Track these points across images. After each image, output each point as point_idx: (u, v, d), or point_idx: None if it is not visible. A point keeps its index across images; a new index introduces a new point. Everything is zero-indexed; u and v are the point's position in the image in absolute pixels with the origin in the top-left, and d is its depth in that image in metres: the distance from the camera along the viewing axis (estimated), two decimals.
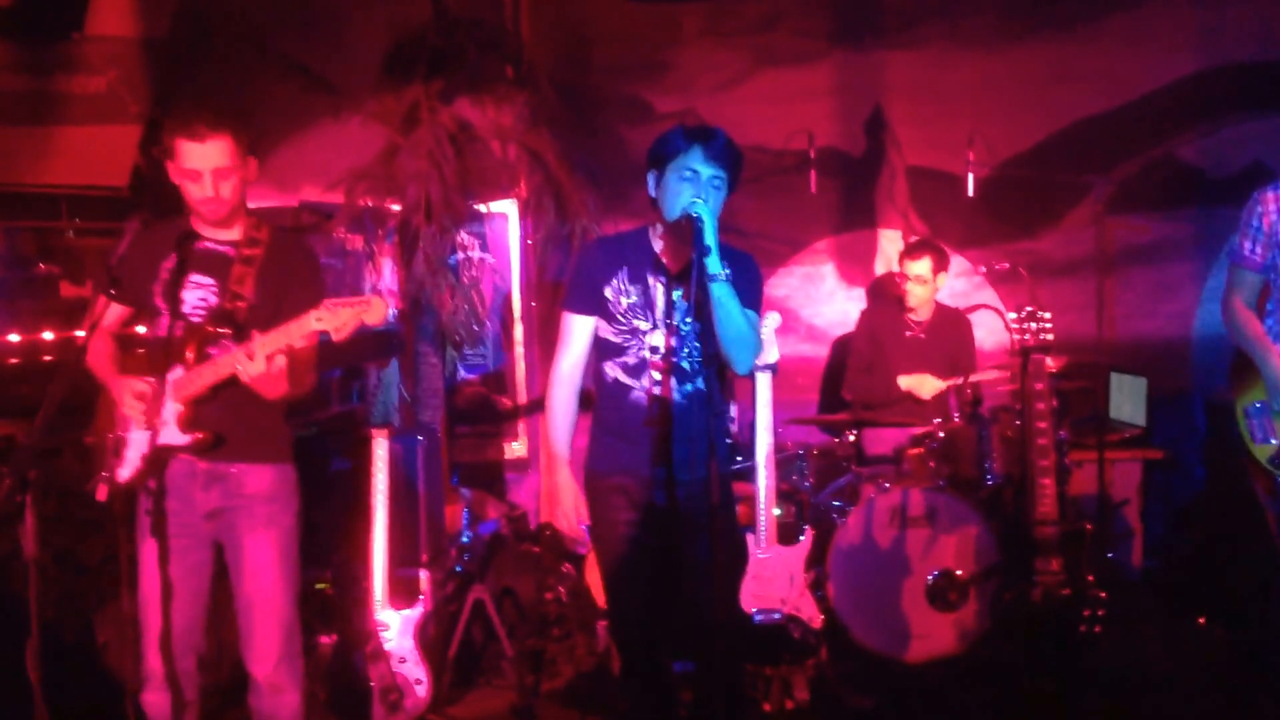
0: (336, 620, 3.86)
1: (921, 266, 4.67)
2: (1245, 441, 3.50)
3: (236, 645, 2.94)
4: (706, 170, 2.71)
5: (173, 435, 2.73)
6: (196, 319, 2.79)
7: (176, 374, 2.75)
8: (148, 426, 2.72)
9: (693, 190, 2.69)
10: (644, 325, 2.82)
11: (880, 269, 5.49)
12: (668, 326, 2.78)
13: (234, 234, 2.85)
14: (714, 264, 2.59)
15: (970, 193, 5.01)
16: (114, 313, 2.92)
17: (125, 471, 2.77)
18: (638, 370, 2.82)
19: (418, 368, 4.50)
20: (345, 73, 4.46)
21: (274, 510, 2.86)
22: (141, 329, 3.00)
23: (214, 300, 2.80)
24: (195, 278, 2.81)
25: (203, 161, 2.70)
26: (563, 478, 2.89)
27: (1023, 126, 5.29)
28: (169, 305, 2.80)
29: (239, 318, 2.76)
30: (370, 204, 4.34)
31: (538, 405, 5.30)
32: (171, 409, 2.74)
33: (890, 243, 5.44)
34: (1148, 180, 5.30)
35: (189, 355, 2.72)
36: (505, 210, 5.10)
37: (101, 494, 2.78)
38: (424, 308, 4.45)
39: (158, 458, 2.74)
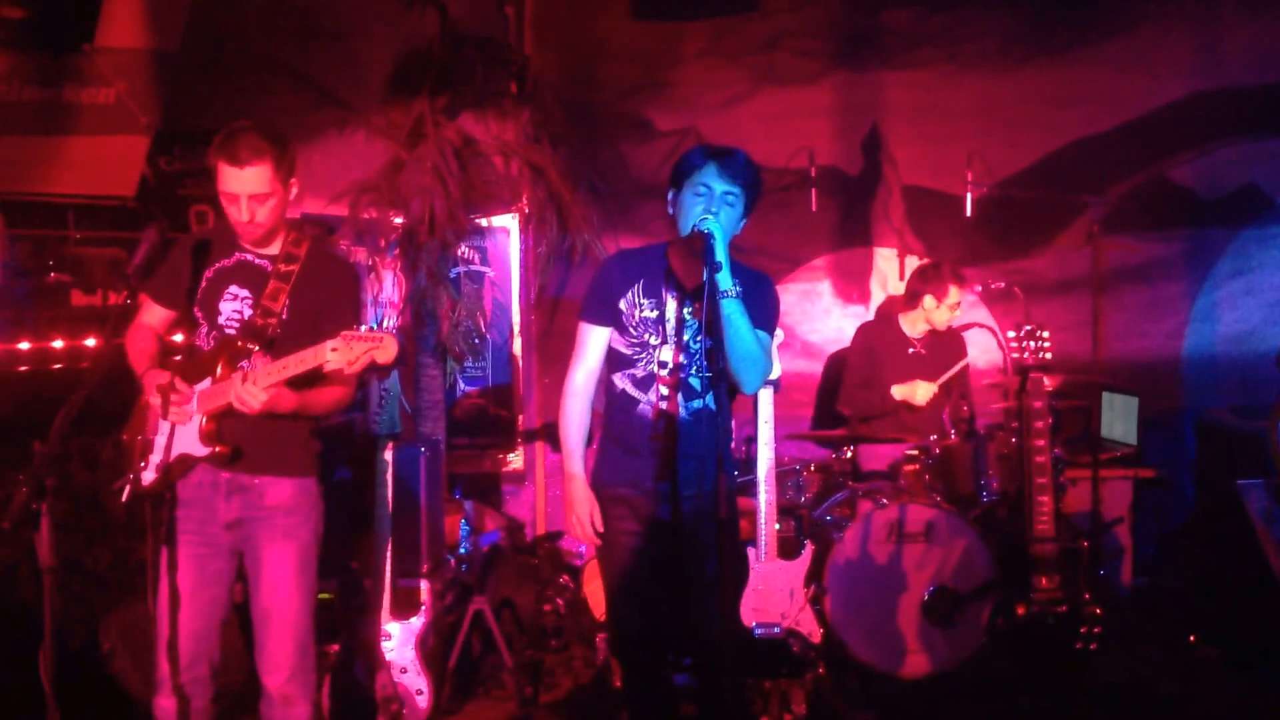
0: (339, 630, 3.87)
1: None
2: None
3: (245, 653, 2.96)
4: (720, 186, 2.73)
5: (193, 446, 2.76)
6: (231, 330, 2.81)
7: (205, 385, 2.76)
8: (168, 418, 2.74)
9: (704, 205, 2.71)
10: (654, 340, 2.83)
11: (875, 286, 5.55)
12: (677, 342, 2.80)
13: (273, 249, 2.87)
14: (725, 280, 2.61)
15: (968, 213, 5.07)
16: (156, 314, 2.94)
17: (149, 475, 2.79)
18: (645, 383, 2.84)
19: (419, 379, 4.54)
20: (352, 87, 4.50)
21: (293, 523, 2.87)
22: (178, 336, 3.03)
23: (248, 313, 2.82)
24: (233, 289, 2.84)
25: (240, 186, 2.71)
26: (577, 488, 2.89)
27: (1019, 147, 5.36)
28: (205, 315, 2.84)
29: (269, 333, 2.77)
30: (374, 217, 4.37)
31: (536, 418, 5.34)
32: (196, 420, 2.75)
33: (886, 261, 5.50)
34: (1141, 201, 5.38)
35: (219, 368, 2.74)
36: (507, 224, 5.14)
37: (124, 495, 2.81)
38: (425, 320, 4.48)
39: (177, 466, 2.77)
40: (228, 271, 2.85)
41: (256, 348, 2.76)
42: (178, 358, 2.91)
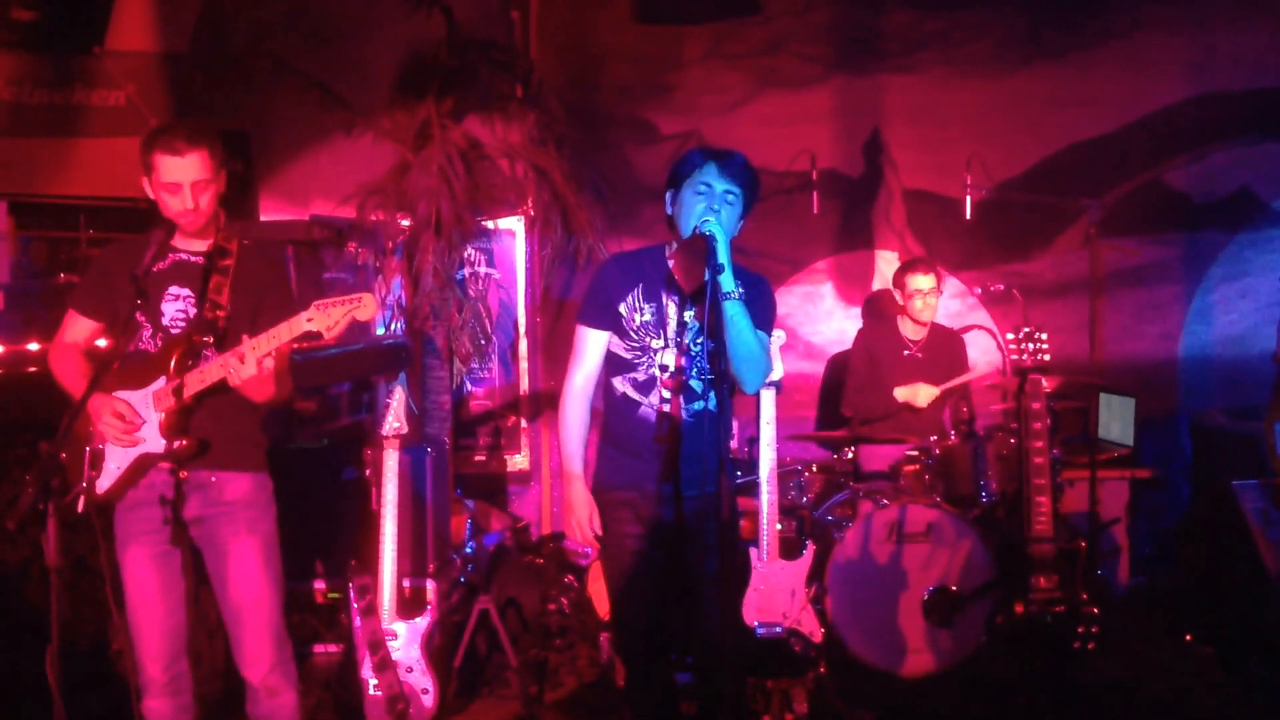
0: (344, 630, 3.90)
1: (926, 281, 4.76)
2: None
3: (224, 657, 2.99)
4: (720, 185, 2.74)
5: (155, 445, 2.76)
6: (176, 330, 2.82)
7: (159, 385, 2.77)
8: (129, 444, 2.76)
9: (705, 204, 2.72)
10: (656, 343, 2.84)
11: (876, 288, 5.59)
12: (679, 345, 2.82)
13: (206, 245, 2.88)
14: (727, 281, 2.62)
15: (968, 216, 5.12)
16: (83, 328, 2.94)
17: (104, 483, 2.79)
18: (647, 387, 2.85)
19: (425, 381, 4.55)
20: (359, 90, 4.51)
21: (254, 516, 2.89)
22: (102, 342, 3.00)
23: (192, 311, 2.83)
24: (174, 289, 2.85)
25: (182, 174, 2.74)
26: (576, 491, 2.90)
27: (1018, 151, 5.41)
28: (149, 318, 2.84)
29: (220, 326, 2.79)
30: (381, 219, 4.39)
31: (541, 419, 5.37)
32: (154, 419, 2.76)
33: (887, 263, 5.54)
34: (1137, 204, 5.42)
35: (172, 366, 2.75)
36: (512, 227, 5.18)
37: (79, 506, 2.79)
38: (431, 322, 4.50)
39: (140, 467, 2.78)
40: (164, 273, 2.85)
41: (211, 340, 2.78)
42: (114, 366, 2.86)
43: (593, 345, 2.90)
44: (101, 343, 2.99)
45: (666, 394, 2.84)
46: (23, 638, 3.36)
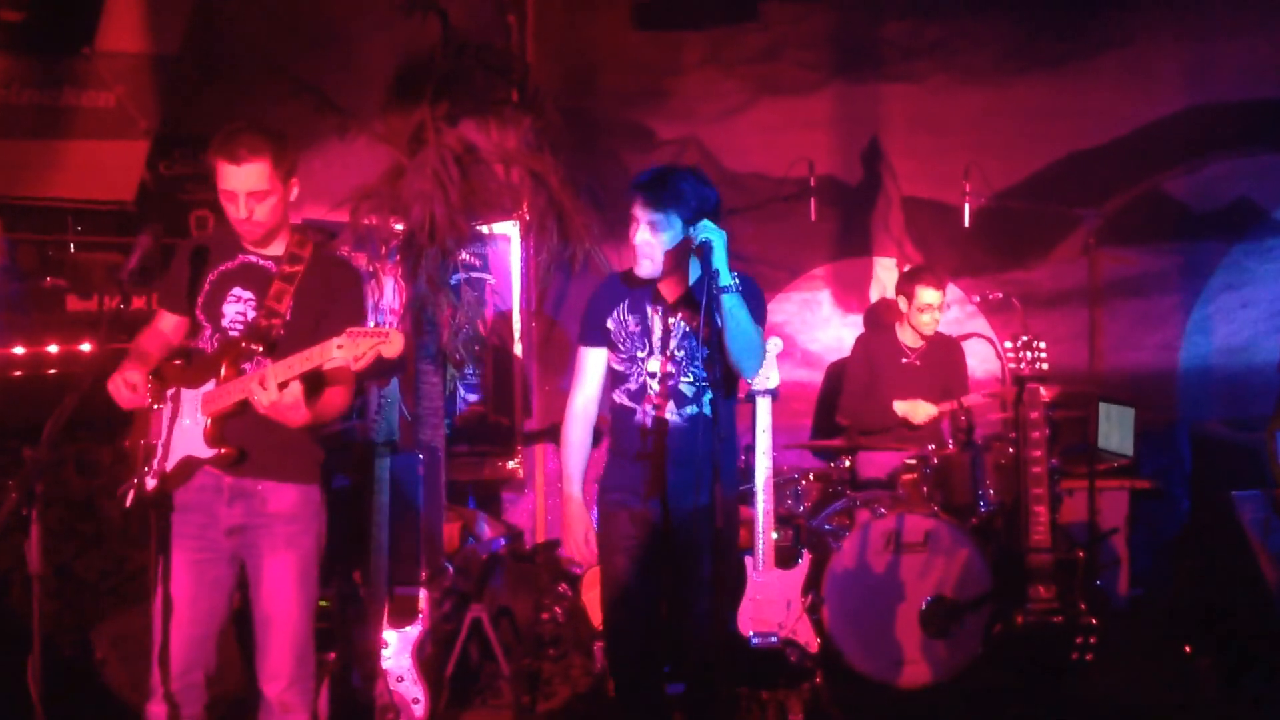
0: (336, 638, 3.86)
1: (935, 296, 4.74)
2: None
3: (244, 661, 2.94)
4: (645, 215, 2.84)
5: (198, 448, 2.74)
6: (235, 332, 2.80)
7: (208, 387, 2.75)
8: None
9: (637, 231, 2.85)
10: (641, 353, 2.95)
11: (875, 296, 5.57)
12: (664, 352, 2.91)
13: (277, 250, 2.86)
14: (725, 276, 2.71)
15: (967, 224, 5.10)
16: (169, 322, 2.94)
17: (152, 480, 2.77)
18: (639, 395, 2.96)
19: (418, 386, 4.52)
20: (353, 93, 4.47)
21: (295, 531, 2.84)
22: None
23: (251, 315, 2.80)
24: (236, 291, 2.83)
25: (239, 183, 2.70)
26: (573, 510, 3.01)
27: (1017, 159, 5.40)
28: (209, 318, 2.83)
29: (273, 334, 2.76)
30: (374, 223, 4.35)
31: (536, 425, 5.34)
32: (200, 422, 2.74)
33: (885, 270, 5.52)
34: (1136, 213, 5.42)
35: (223, 370, 2.73)
36: (507, 232, 5.14)
37: (128, 500, 2.78)
38: (425, 327, 4.47)
39: (181, 469, 2.75)
40: (231, 274, 2.84)
41: (260, 349, 2.74)
42: (178, 362, 2.88)
43: (591, 364, 3.02)
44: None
45: (655, 400, 2.91)
46: (4, 646, 3.30)
